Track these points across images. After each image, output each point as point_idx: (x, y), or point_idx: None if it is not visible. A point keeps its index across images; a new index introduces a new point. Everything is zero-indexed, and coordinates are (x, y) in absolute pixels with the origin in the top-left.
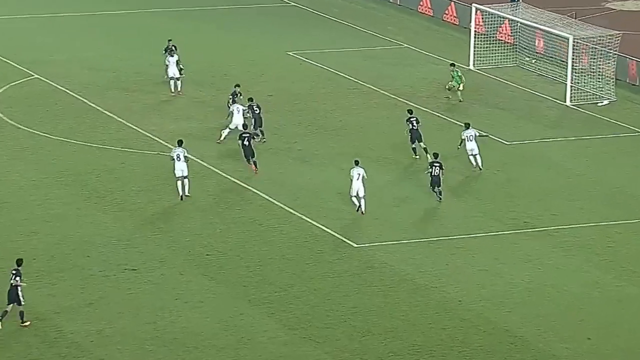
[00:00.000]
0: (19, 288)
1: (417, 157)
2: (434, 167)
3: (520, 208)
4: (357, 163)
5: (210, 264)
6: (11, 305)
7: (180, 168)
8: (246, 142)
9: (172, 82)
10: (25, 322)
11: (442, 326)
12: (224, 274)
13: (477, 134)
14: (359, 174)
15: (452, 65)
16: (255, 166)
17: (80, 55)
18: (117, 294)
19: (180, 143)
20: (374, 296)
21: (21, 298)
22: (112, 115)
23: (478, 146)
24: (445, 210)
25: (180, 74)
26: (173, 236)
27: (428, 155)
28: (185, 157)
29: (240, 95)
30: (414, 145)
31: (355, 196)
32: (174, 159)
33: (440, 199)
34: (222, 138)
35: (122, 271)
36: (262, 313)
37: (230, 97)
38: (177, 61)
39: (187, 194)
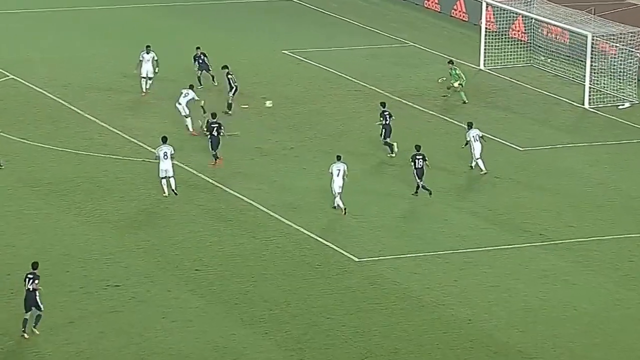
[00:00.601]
0: (37, 292)
1: (394, 155)
2: (417, 160)
3: (535, 219)
4: (339, 158)
5: (200, 280)
6: (30, 312)
7: (165, 167)
8: (215, 133)
9: (143, 81)
10: (37, 329)
11: (450, 347)
12: (215, 291)
13: (481, 134)
14: (339, 170)
15: (450, 62)
16: (216, 159)
17: (58, 54)
18: (99, 312)
19: (164, 140)
20: (377, 314)
21: (40, 303)
22: (93, 118)
23: (482, 147)
24: (454, 221)
25: (155, 73)
26: (160, 250)
27: (393, 154)
28: (172, 155)
29: (204, 58)
30: (388, 141)
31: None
32: (159, 157)
33: (430, 191)
34: (190, 130)
35: (104, 287)
36: (256, 333)
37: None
38: (154, 59)
39: (175, 191)
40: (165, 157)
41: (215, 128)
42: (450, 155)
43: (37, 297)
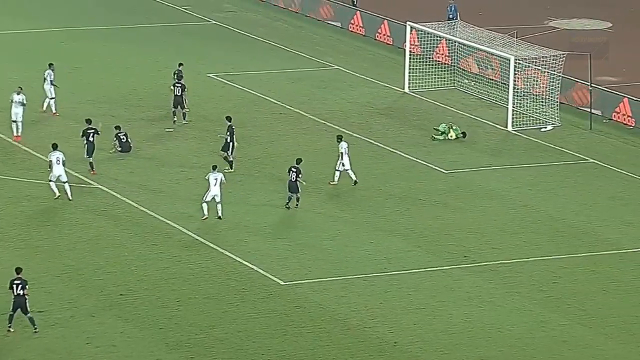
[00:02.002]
0: (26, 297)
1: (233, 170)
2: (291, 172)
3: (460, 241)
4: (214, 168)
5: (125, 305)
6: (16, 311)
7: (58, 173)
8: (91, 139)
9: (52, 101)
10: (37, 328)
11: None
12: (140, 316)
13: (347, 150)
14: (216, 179)
15: (464, 134)
16: (92, 168)
17: None
18: (22, 338)
19: (55, 147)
20: (303, 338)
21: (27, 308)
22: (16, 143)
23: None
24: (380, 244)
25: (55, 87)
26: (84, 274)
27: (232, 169)
28: (63, 161)
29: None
30: (227, 155)
31: (209, 202)
32: (51, 162)
33: (297, 205)
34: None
35: None
36: (182, 357)
37: None
38: (52, 79)
39: (69, 198)
40: (58, 162)
41: (92, 134)
42: (376, 177)
43: (26, 302)
